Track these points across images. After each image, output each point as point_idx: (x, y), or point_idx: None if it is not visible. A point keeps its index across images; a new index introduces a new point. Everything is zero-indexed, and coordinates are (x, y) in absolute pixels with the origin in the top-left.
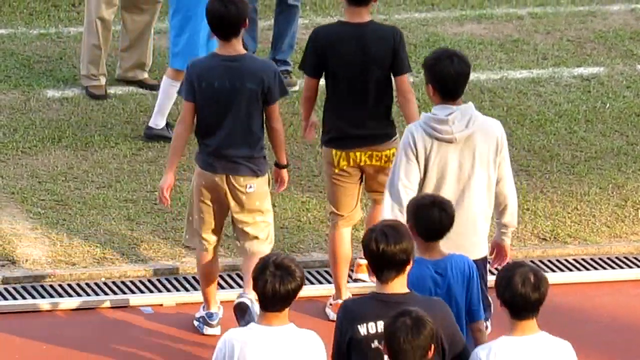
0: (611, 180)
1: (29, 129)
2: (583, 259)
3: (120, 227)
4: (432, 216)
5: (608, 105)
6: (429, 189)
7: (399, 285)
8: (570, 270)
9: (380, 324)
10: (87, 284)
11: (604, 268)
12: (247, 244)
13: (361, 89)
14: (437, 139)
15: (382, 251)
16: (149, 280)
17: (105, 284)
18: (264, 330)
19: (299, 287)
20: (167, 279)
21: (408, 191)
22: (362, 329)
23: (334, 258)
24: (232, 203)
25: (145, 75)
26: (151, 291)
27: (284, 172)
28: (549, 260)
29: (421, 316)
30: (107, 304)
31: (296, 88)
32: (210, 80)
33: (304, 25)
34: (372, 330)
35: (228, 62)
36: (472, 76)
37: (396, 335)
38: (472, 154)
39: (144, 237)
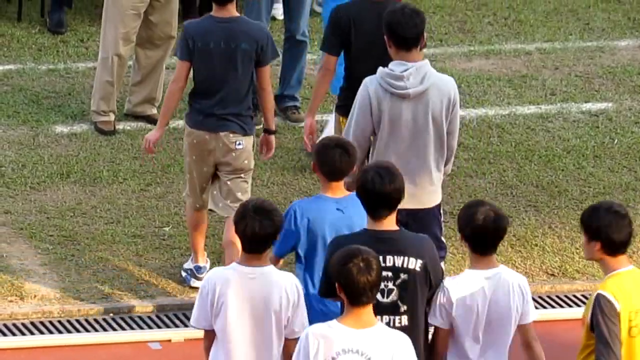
0: None
1: (37, 164)
2: (591, 295)
3: (128, 262)
4: (334, 157)
5: (616, 140)
6: (382, 141)
7: (390, 222)
8: (579, 305)
9: None
10: (95, 320)
11: None
12: (231, 202)
13: (380, 64)
14: (392, 93)
15: (377, 190)
16: (157, 316)
17: (113, 319)
18: (244, 269)
19: (278, 230)
20: (175, 315)
21: (361, 143)
22: None
23: None
24: (221, 160)
25: (154, 110)
26: (159, 327)
27: (272, 138)
28: (557, 296)
29: (372, 257)
30: (116, 340)
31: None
32: (206, 40)
33: (312, 61)
34: None
35: (223, 23)
36: (480, 112)
37: (351, 272)
38: (426, 109)
39: (152, 272)
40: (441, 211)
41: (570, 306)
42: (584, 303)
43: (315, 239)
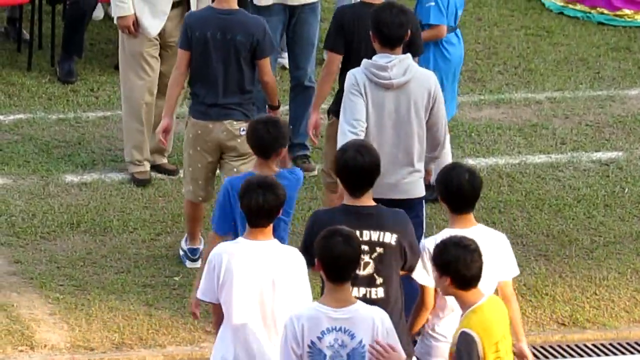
0: (630, 265)
1: (47, 214)
2: (602, 344)
3: (138, 312)
4: (262, 133)
5: (627, 190)
6: (371, 131)
7: (368, 198)
8: (590, 355)
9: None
10: None
11: (623, 353)
12: None
13: None
14: (376, 83)
15: (359, 167)
16: None
17: None
18: (250, 243)
19: (281, 203)
20: None
21: (356, 127)
22: None
23: None
24: (227, 145)
25: (164, 160)
26: None
27: (276, 112)
28: (568, 345)
29: (353, 236)
30: None
31: (314, 173)
32: (204, 30)
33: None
34: None
35: (222, 14)
36: (491, 161)
37: (332, 250)
38: (408, 100)
39: (163, 322)
40: (424, 209)
41: (581, 356)
42: (595, 353)
43: (238, 211)
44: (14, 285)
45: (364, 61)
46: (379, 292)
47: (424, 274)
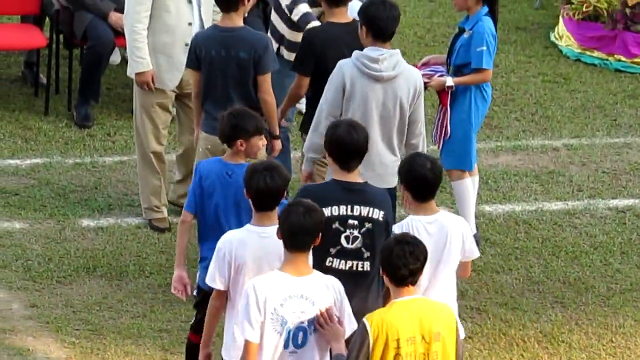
0: None
1: (63, 258)
2: None
3: (154, 357)
4: (225, 122)
5: None
6: None
7: (356, 174)
8: None
9: (342, 208)
10: None
11: None
12: None
13: None
14: (367, 75)
15: (352, 142)
16: None
17: None
18: (257, 229)
19: (286, 185)
20: None
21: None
22: (327, 211)
23: None
24: None
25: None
26: None
27: (276, 142)
28: None
29: (313, 207)
30: None
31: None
32: (209, 49)
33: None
34: (335, 213)
35: (225, 32)
36: (507, 207)
37: (292, 219)
38: (395, 94)
39: None
40: (396, 194)
41: None
42: None
43: (204, 195)
44: (30, 330)
45: (355, 52)
46: (365, 266)
47: None
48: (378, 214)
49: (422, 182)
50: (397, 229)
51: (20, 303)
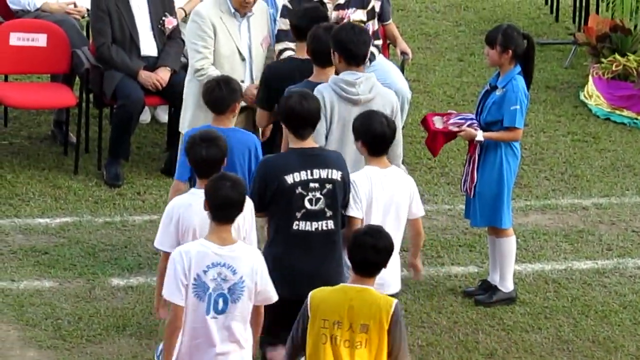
0: None
1: (93, 317)
2: None
3: None
4: (213, 90)
5: None
6: (332, 145)
7: (311, 141)
8: None
9: (303, 173)
10: None
11: None
12: None
13: None
14: (345, 99)
15: (303, 111)
16: None
17: None
18: (200, 192)
19: (224, 154)
20: None
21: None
22: (289, 178)
23: None
24: None
25: None
26: None
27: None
28: None
29: (238, 180)
30: None
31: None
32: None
33: None
34: (297, 179)
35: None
36: (537, 266)
37: (219, 193)
38: None
39: None
40: None
41: None
42: None
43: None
44: None
45: (333, 77)
46: (329, 224)
47: (351, 206)
48: (337, 175)
49: (380, 138)
50: (355, 177)
51: None
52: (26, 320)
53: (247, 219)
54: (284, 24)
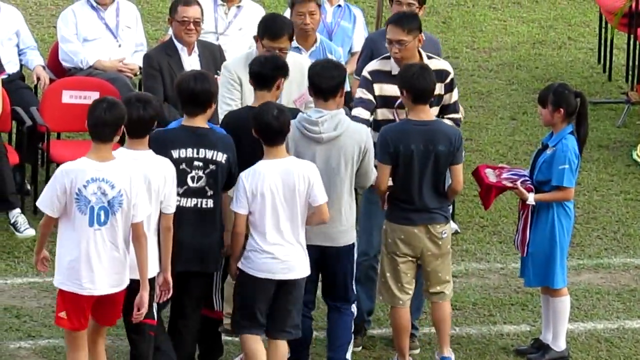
0: None
1: None
2: None
3: None
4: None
5: None
6: None
7: (202, 121)
8: None
9: (189, 151)
10: None
11: None
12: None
13: None
14: (308, 137)
15: (190, 89)
16: None
17: None
18: (130, 153)
19: (157, 115)
20: None
21: None
22: (175, 153)
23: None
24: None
25: None
26: None
27: None
28: None
29: (115, 102)
30: None
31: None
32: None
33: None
34: (183, 155)
35: (420, 125)
36: (589, 325)
37: (96, 114)
38: (339, 153)
39: None
40: (355, 252)
41: None
42: None
43: None
44: None
45: (299, 115)
46: (209, 203)
47: (234, 202)
48: (222, 157)
49: (268, 127)
50: (243, 173)
51: None
52: None
53: (168, 183)
54: (362, 93)
